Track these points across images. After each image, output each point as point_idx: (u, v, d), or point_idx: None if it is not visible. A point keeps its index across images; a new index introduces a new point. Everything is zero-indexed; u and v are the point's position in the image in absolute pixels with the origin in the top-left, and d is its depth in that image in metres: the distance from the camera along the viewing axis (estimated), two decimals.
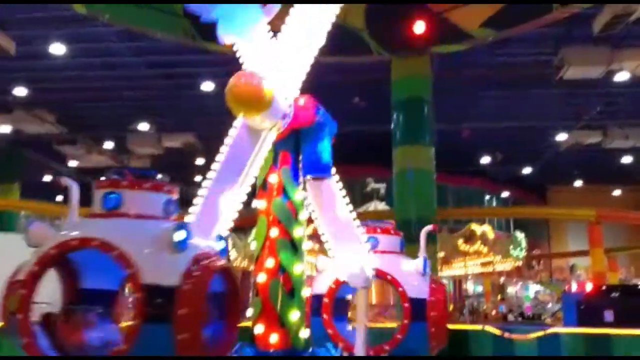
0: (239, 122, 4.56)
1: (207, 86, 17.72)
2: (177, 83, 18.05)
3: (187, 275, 3.65)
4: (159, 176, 4.39)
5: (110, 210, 4.10)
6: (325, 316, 5.93)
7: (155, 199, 4.24)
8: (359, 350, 5.12)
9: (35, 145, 22.86)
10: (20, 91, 17.77)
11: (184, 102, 19.76)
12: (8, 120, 19.46)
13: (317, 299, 5.99)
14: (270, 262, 4.92)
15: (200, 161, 26.61)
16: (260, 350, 4.80)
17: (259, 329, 4.84)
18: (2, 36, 13.83)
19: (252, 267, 20.60)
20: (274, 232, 4.99)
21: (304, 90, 5.24)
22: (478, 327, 10.36)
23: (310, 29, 5.01)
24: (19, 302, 3.69)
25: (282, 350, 4.82)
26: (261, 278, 4.91)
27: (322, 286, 6.11)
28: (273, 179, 5.09)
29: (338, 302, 6.29)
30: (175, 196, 4.40)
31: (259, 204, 5.09)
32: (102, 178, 4.30)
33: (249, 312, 5.05)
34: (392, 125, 11.68)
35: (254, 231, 5.35)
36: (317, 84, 5.85)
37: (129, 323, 3.66)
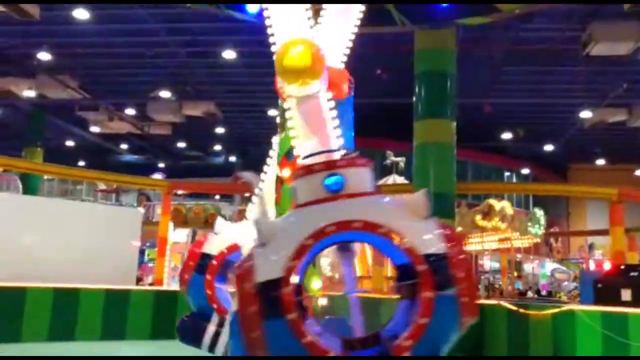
0: (295, 94, 4.54)
1: (229, 54, 17.67)
2: (199, 51, 18.01)
3: (450, 239, 3.78)
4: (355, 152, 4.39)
5: (336, 192, 4.01)
6: (208, 277, 6.17)
7: (367, 175, 4.23)
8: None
9: (58, 110, 23.11)
10: (44, 56, 17.90)
11: (205, 70, 19.75)
12: (32, 85, 19.65)
13: (206, 258, 6.24)
14: None
15: (220, 130, 26.73)
16: None
17: None
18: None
19: None
20: None
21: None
22: (493, 302, 10.38)
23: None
24: (287, 301, 3.58)
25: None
26: None
27: (213, 247, 6.30)
28: None
29: (226, 264, 6.49)
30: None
31: (284, 172, 5.08)
32: (309, 162, 4.22)
33: None
34: (414, 98, 11.57)
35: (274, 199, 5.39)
36: None
37: (425, 295, 3.64)
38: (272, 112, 21.34)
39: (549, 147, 27.89)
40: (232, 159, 32.85)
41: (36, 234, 11.38)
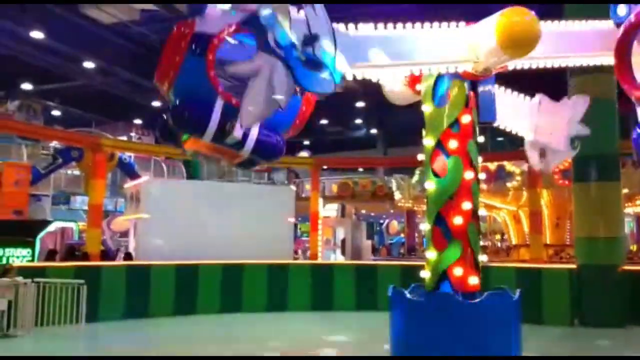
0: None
1: None
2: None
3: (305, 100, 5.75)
4: None
5: None
6: (210, 56, 5.07)
7: None
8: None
9: None
10: None
11: None
12: None
13: (200, 37, 5.13)
14: (467, 205, 4.93)
15: (360, 104, 26.91)
16: (459, 291, 4.89)
17: (457, 271, 4.90)
18: None
19: (416, 207, 20.62)
20: (470, 175, 4.98)
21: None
22: None
23: None
24: None
25: (478, 293, 4.90)
26: (458, 221, 4.92)
27: (211, 25, 5.24)
28: (466, 119, 5.04)
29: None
30: None
31: (450, 144, 5.05)
32: None
33: (431, 254, 5.11)
34: None
35: (422, 171, 5.39)
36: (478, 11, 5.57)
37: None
38: None
39: None
40: (373, 131, 32.98)
41: (203, 216, 12.35)
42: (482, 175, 5.33)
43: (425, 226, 5.25)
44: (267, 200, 13.47)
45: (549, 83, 14.37)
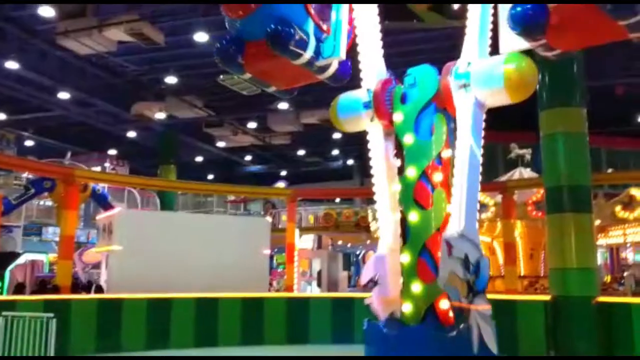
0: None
1: None
2: None
3: None
4: None
5: None
6: None
7: None
8: None
9: (186, 128, 24.60)
10: (170, 79, 19.15)
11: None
12: (162, 107, 21.09)
13: None
14: None
15: (336, 135, 27.07)
16: (442, 324, 4.91)
17: (444, 304, 4.93)
18: (152, 28, 14.88)
19: None
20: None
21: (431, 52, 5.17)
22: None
23: None
24: None
25: (454, 326, 4.91)
26: None
27: None
28: (447, 153, 5.20)
29: None
30: None
31: (435, 177, 5.16)
32: None
33: (416, 286, 5.10)
34: (537, 86, 10.98)
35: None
36: (449, 46, 5.68)
37: None
38: None
39: None
40: (350, 162, 33.15)
41: (177, 248, 12.19)
42: None
43: (404, 258, 5.21)
44: (242, 231, 13.37)
45: (521, 118, 14.69)
